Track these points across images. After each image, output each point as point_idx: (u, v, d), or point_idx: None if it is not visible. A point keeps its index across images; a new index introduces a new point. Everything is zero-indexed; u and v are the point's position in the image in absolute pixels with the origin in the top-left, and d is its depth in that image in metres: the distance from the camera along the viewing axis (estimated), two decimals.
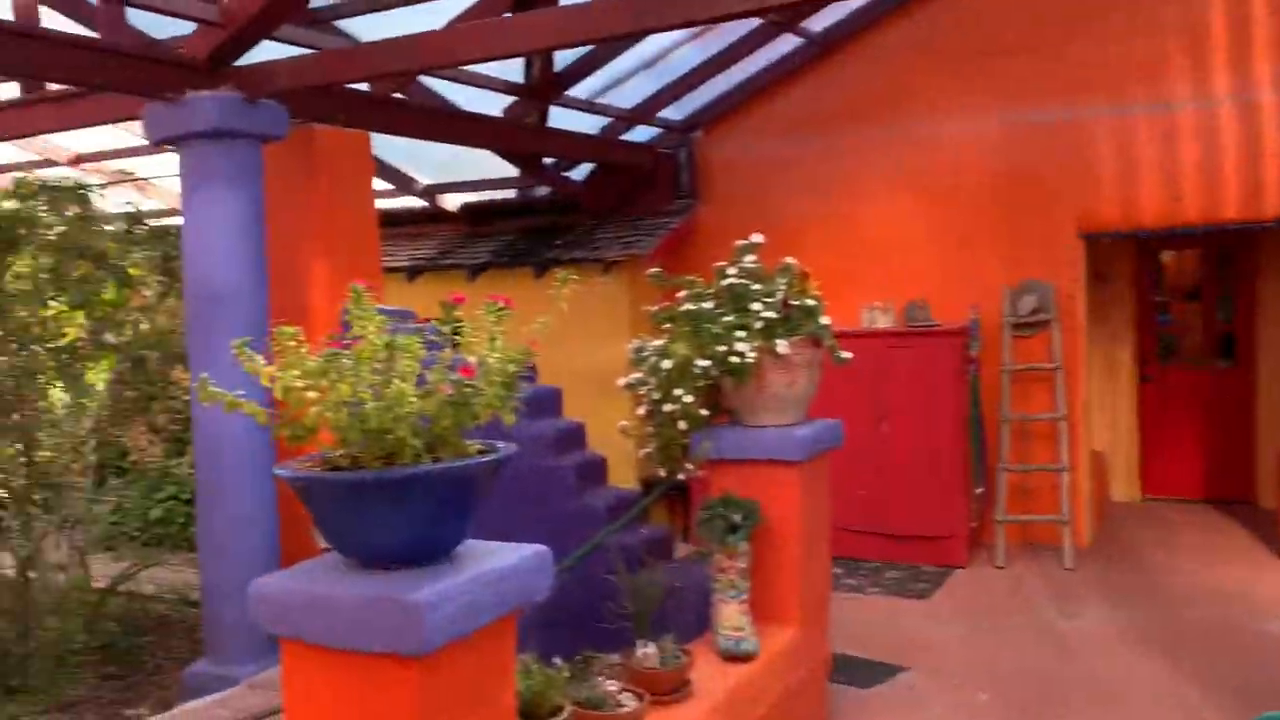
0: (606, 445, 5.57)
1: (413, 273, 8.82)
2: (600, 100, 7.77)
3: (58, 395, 5.96)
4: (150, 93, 4.83)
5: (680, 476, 4.31)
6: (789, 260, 4.31)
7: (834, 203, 8.21)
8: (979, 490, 7.53)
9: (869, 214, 8.14)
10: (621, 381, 4.42)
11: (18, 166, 8.19)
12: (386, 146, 7.46)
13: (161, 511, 8.35)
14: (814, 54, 8.15)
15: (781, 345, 4.06)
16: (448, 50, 4.87)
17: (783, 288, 4.17)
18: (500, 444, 2.38)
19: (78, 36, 4.89)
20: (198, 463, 5.09)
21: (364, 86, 5.99)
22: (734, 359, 4.03)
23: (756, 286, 4.16)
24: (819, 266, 4.54)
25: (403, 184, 8.61)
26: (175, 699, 5.07)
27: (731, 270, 4.25)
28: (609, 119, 8.10)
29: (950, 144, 7.87)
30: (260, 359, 2.30)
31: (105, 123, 5.68)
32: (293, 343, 2.31)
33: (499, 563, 2.35)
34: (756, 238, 4.34)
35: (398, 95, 6.33)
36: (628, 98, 7.95)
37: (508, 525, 3.54)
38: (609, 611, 3.79)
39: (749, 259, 4.28)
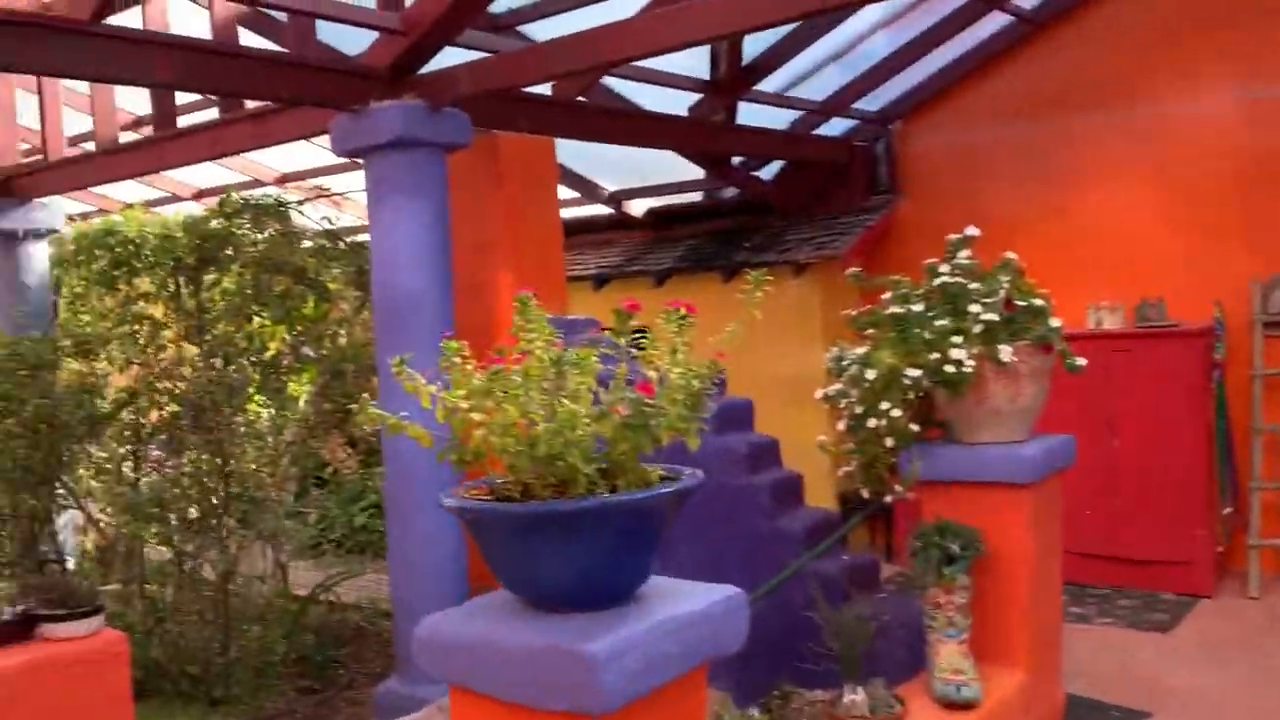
0: (799, 460, 5.19)
1: (599, 281, 8.69)
2: (790, 93, 7.39)
3: (257, 409, 6.11)
4: (336, 104, 4.83)
5: (887, 499, 3.87)
6: (1010, 255, 3.82)
7: (1050, 193, 7.52)
8: (1227, 510, 6.67)
9: (1091, 205, 7.40)
10: (820, 393, 4.03)
11: (227, 187, 8.59)
12: (572, 155, 7.35)
13: (364, 519, 8.54)
14: (1024, 33, 7.48)
15: (1005, 352, 3.58)
16: (629, 42, 4.61)
17: (1005, 286, 3.68)
18: (685, 470, 2.09)
19: (267, 52, 4.95)
20: (387, 478, 5.05)
21: (546, 90, 5.85)
22: (949, 368, 3.57)
23: (974, 285, 3.68)
24: (1034, 263, 4.05)
25: (589, 192, 8.50)
26: (368, 716, 5.05)
27: (944, 268, 3.78)
28: (800, 113, 7.70)
29: (1185, 125, 7.04)
30: (421, 377, 2.09)
31: (297, 138, 5.77)
32: (458, 359, 2.09)
33: (687, 607, 2.06)
34: (972, 231, 3.86)
35: (580, 99, 6.16)
36: (819, 90, 7.52)
37: (694, 547, 3.22)
38: (810, 649, 3.42)
39: (964, 255, 3.81)
